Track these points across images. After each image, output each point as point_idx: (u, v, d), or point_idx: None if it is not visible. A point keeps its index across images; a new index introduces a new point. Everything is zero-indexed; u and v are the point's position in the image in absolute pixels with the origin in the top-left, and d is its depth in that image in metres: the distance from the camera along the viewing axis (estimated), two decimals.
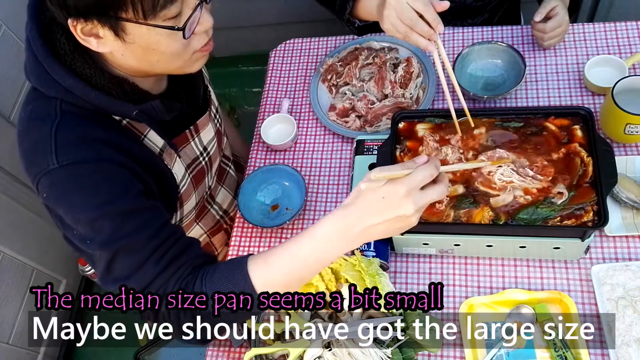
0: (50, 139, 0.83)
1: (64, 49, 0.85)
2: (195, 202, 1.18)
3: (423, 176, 0.78)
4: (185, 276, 0.85)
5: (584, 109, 1.04)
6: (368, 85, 1.36)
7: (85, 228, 0.84)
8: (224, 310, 0.82)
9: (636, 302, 1.00)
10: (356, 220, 0.78)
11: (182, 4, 0.81)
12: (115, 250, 0.83)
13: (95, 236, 0.83)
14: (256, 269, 0.83)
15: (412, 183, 0.77)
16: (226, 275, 0.84)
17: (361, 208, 0.78)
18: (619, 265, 1.04)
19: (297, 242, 0.82)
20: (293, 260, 0.82)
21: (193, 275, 0.85)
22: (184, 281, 0.85)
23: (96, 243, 0.83)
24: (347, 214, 0.79)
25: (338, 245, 0.80)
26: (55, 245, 2.06)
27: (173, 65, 0.89)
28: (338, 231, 0.79)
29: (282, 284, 0.83)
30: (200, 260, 0.89)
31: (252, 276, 0.82)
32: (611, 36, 1.34)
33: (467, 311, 1.05)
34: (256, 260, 0.84)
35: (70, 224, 0.85)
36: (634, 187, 1.10)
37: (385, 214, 0.78)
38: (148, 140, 0.96)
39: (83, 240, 0.85)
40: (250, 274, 0.82)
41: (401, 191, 0.76)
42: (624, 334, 0.98)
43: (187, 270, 0.86)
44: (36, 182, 0.85)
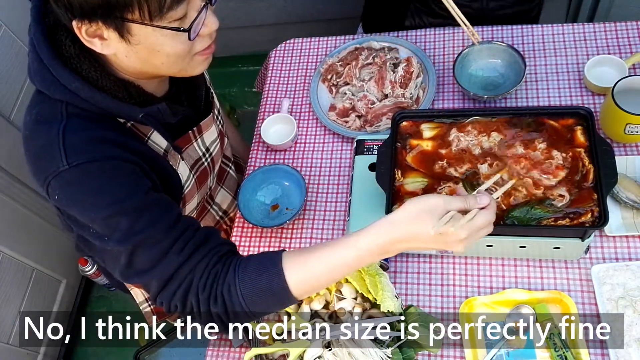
0: (58, 142, 0.83)
1: (69, 52, 0.85)
2: (196, 203, 1.19)
3: (483, 223, 0.80)
4: (213, 264, 0.85)
5: (584, 109, 1.04)
6: (368, 85, 1.36)
7: (102, 226, 0.84)
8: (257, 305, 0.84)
9: (636, 302, 1.00)
10: (403, 240, 0.81)
11: (188, 6, 0.80)
12: (134, 244, 0.83)
13: (113, 233, 0.83)
14: (291, 267, 0.84)
15: (473, 229, 0.80)
16: (261, 270, 0.84)
17: (414, 233, 0.80)
18: (619, 265, 1.04)
19: (339, 249, 0.83)
20: (329, 267, 0.84)
21: (223, 264, 0.86)
22: (213, 270, 0.85)
23: (114, 240, 0.83)
24: (396, 232, 0.81)
25: (377, 255, 0.83)
26: (55, 245, 2.06)
27: (176, 68, 0.88)
28: (380, 245, 0.81)
29: (313, 285, 0.86)
30: (225, 248, 0.89)
31: (287, 274, 0.83)
32: (611, 36, 1.34)
33: (467, 311, 1.05)
34: (292, 260, 0.85)
35: (86, 224, 0.85)
36: (634, 187, 1.10)
37: (434, 245, 0.81)
38: (152, 142, 0.96)
39: (101, 238, 0.85)
40: (286, 272, 0.83)
41: (462, 235, 0.79)
42: (624, 334, 0.98)
43: (214, 258, 0.86)
44: (46, 185, 0.84)
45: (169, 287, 0.85)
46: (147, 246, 0.83)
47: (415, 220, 0.80)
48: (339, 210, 1.26)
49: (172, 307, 0.86)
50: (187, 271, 0.84)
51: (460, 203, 0.80)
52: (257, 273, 0.84)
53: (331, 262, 0.83)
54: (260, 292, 0.83)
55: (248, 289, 0.83)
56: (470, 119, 1.09)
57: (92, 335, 2.18)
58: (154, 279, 0.85)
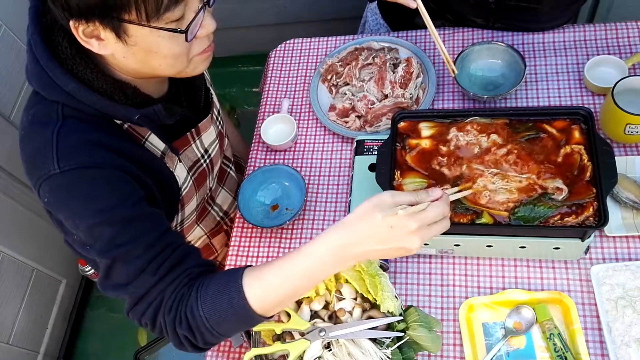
0: (52, 144, 0.83)
1: (66, 53, 0.85)
2: (196, 204, 1.18)
3: (436, 214, 0.79)
4: (181, 287, 0.85)
5: (584, 109, 1.04)
6: (368, 86, 1.36)
7: (85, 234, 0.84)
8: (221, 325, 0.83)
9: (635, 302, 1.00)
10: (356, 242, 0.78)
11: (185, 7, 0.80)
12: (113, 257, 0.83)
13: (94, 243, 0.83)
14: (250, 283, 0.82)
15: (425, 220, 0.78)
16: (221, 289, 0.83)
17: (364, 231, 0.78)
18: (619, 266, 1.04)
19: (292, 259, 0.82)
20: (286, 277, 0.82)
21: (189, 286, 0.85)
22: (180, 291, 0.85)
23: (95, 250, 0.83)
24: (347, 234, 0.79)
25: (332, 264, 0.80)
26: (55, 245, 2.06)
27: (174, 69, 0.88)
28: (334, 251, 0.79)
29: (276, 299, 0.83)
30: (199, 269, 0.88)
31: (246, 291, 0.82)
32: (611, 36, 1.34)
33: (467, 311, 1.05)
34: (251, 275, 0.83)
35: (70, 230, 0.85)
36: (634, 187, 1.10)
37: (388, 243, 0.78)
38: (149, 144, 0.96)
39: (83, 246, 0.85)
40: (245, 288, 0.82)
41: (412, 226, 0.76)
42: (623, 334, 0.98)
43: (184, 280, 0.86)
44: (37, 187, 0.85)
45: (140, 305, 0.85)
46: (126, 261, 0.83)
47: (365, 216, 0.78)
48: (339, 211, 1.26)
49: (143, 324, 0.87)
50: (158, 292, 0.84)
51: (410, 197, 0.79)
52: (218, 292, 0.83)
53: (287, 272, 0.81)
54: (222, 311, 0.82)
55: (209, 309, 0.82)
56: (470, 119, 1.09)
57: (92, 335, 2.19)
58: (127, 295, 0.85)
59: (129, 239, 0.83)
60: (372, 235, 0.77)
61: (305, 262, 0.80)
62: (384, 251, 0.78)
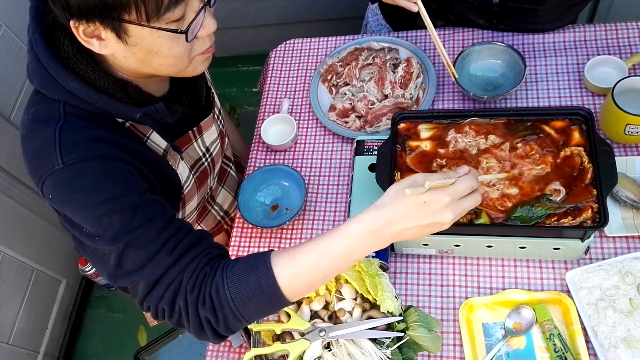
0: (54, 141, 0.82)
1: (67, 52, 0.85)
2: (197, 203, 1.19)
3: (466, 187, 0.80)
4: (202, 267, 0.84)
5: (584, 110, 1.04)
6: (368, 86, 1.36)
7: (94, 225, 0.82)
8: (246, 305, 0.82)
9: (614, 302, 1.00)
10: (394, 220, 0.79)
11: (186, 7, 0.80)
12: (125, 244, 0.82)
13: (105, 232, 0.82)
14: (280, 263, 0.82)
15: (455, 193, 0.79)
16: (249, 268, 0.82)
17: (398, 210, 0.79)
18: (592, 267, 1.04)
19: (328, 239, 0.81)
20: (322, 256, 0.81)
21: (211, 267, 0.84)
22: (202, 271, 0.83)
23: (105, 239, 0.82)
24: (384, 213, 0.79)
25: (370, 243, 0.81)
26: (55, 245, 2.06)
27: (175, 69, 0.88)
28: (371, 230, 0.80)
29: (307, 280, 0.82)
30: (216, 251, 0.88)
31: (276, 271, 0.81)
32: (611, 37, 1.34)
33: (467, 311, 1.05)
34: (281, 256, 0.83)
35: (78, 223, 0.84)
36: (634, 187, 1.10)
37: (422, 220, 0.79)
38: (151, 142, 0.96)
39: (92, 237, 0.84)
40: (275, 268, 0.81)
41: (444, 200, 0.78)
42: (609, 336, 0.97)
43: (204, 260, 0.85)
44: (41, 184, 0.84)
45: (157, 288, 0.83)
46: (138, 246, 0.82)
47: (399, 195, 0.79)
48: (339, 211, 1.26)
49: (160, 310, 0.84)
50: (176, 273, 0.83)
51: (440, 176, 0.81)
52: (246, 271, 0.82)
53: (323, 252, 0.81)
54: (249, 291, 0.81)
55: (236, 289, 0.81)
56: (468, 119, 1.09)
57: (92, 335, 2.19)
58: (142, 280, 0.83)
59: (141, 223, 0.82)
60: (407, 213, 0.79)
61: (344, 242, 0.80)
62: (419, 228, 0.79)
